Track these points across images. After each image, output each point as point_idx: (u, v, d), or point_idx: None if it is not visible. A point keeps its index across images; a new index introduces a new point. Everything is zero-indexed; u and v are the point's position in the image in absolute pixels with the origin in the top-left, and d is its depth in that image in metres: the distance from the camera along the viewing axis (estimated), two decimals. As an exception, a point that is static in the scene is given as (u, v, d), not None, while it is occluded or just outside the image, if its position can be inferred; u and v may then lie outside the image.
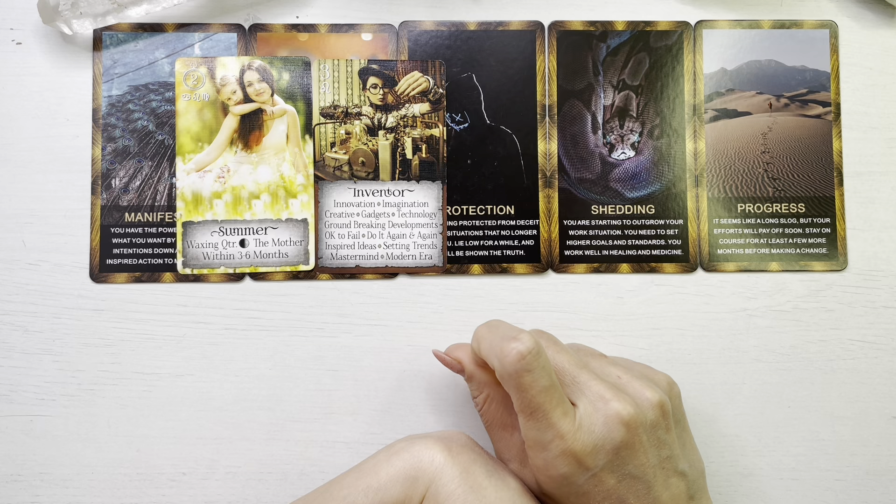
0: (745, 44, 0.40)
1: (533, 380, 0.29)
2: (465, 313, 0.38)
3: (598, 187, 0.39)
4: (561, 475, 0.30)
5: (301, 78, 0.39)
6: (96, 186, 0.38)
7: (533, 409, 0.30)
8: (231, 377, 0.38)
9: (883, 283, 0.39)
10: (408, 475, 0.31)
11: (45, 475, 0.37)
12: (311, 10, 0.39)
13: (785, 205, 0.39)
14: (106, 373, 0.38)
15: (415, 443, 0.32)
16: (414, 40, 0.39)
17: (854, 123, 0.40)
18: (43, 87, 0.39)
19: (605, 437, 0.29)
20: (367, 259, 0.39)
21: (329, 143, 0.39)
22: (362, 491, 0.31)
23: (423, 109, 0.39)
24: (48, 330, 0.38)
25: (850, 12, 0.40)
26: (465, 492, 0.30)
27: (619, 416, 0.29)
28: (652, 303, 0.39)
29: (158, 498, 0.37)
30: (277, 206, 0.38)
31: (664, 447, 0.31)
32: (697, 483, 0.32)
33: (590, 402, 0.30)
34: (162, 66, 0.39)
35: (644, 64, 0.40)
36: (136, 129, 0.39)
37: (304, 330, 0.38)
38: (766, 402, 0.38)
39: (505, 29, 0.39)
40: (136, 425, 0.37)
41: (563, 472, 0.30)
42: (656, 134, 0.39)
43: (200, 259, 0.38)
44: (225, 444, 0.37)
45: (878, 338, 0.39)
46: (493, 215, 0.39)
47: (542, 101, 0.39)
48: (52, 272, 0.38)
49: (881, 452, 0.38)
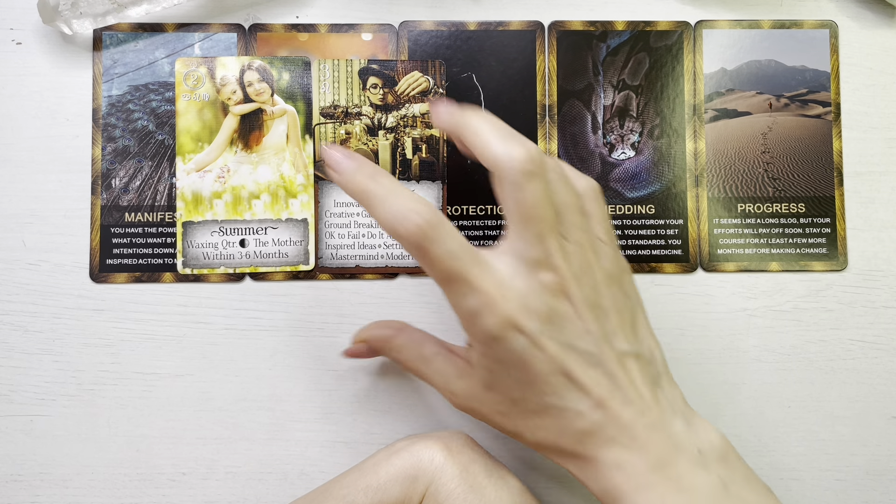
0: (745, 44, 0.40)
1: (438, 251, 0.27)
2: (465, 313, 0.38)
3: (598, 187, 0.39)
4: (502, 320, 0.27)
5: (301, 78, 0.39)
6: (96, 186, 0.38)
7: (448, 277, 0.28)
8: (231, 377, 0.38)
9: (883, 283, 0.39)
10: (407, 474, 0.31)
11: (45, 475, 0.37)
12: (311, 10, 0.39)
13: (785, 205, 0.39)
14: (106, 373, 0.38)
15: (415, 442, 0.32)
16: (414, 40, 0.39)
17: (854, 123, 0.40)
18: (43, 87, 0.39)
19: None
20: (367, 259, 0.39)
21: (329, 142, 0.39)
22: (362, 490, 0.31)
23: (424, 109, 0.39)
24: (48, 330, 0.38)
25: (850, 12, 0.40)
26: (464, 491, 0.30)
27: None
28: (652, 303, 0.39)
29: (158, 498, 0.37)
30: (277, 206, 0.38)
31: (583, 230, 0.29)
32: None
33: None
34: (162, 66, 0.39)
35: (644, 64, 0.40)
36: (136, 129, 0.39)
37: (304, 330, 0.38)
38: (766, 402, 0.38)
39: (505, 29, 0.39)
40: (136, 425, 0.37)
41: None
42: (656, 134, 0.39)
43: (200, 259, 0.38)
44: (225, 444, 0.37)
45: (878, 338, 0.39)
46: (493, 215, 0.39)
47: (542, 101, 0.39)
48: (52, 272, 0.38)
49: (881, 452, 0.38)
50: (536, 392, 0.28)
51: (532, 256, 0.28)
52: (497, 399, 0.30)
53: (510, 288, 0.28)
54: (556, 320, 0.28)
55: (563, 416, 0.28)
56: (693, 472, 0.28)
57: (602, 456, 0.28)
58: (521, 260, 0.28)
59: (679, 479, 0.27)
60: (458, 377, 0.31)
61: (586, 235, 0.29)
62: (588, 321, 0.28)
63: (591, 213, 0.30)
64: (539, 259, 0.28)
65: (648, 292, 0.39)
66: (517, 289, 0.28)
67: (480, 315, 0.27)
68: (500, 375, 0.29)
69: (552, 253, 0.28)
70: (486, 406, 0.30)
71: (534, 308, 0.28)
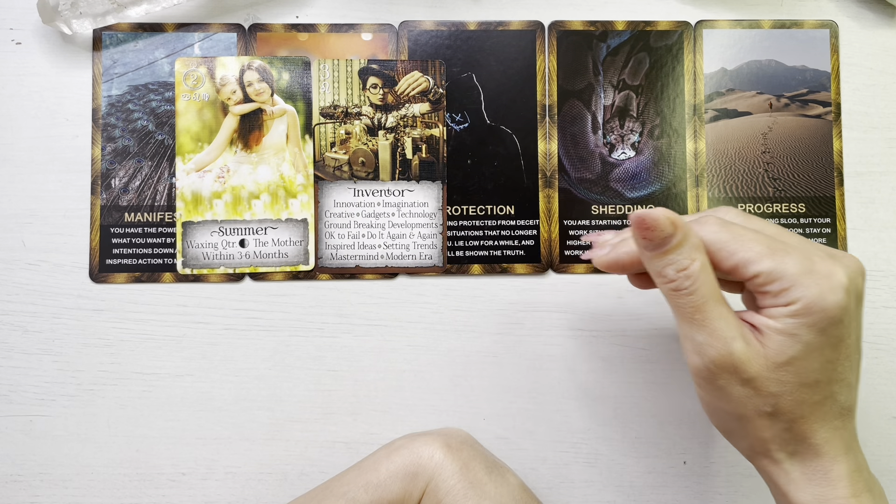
0: (746, 44, 0.40)
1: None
2: (465, 313, 0.38)
3: (598, 187, 0.39)
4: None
5: (301, 78, 0.39)
6: (96, 186, 0.38)
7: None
8: (231, 377, 0.38)
9: (883, 283, 0.39)
10: (408, 471, 0.31)
11: (45, 475, 0.37)
12: (310, 9, 0.39)
13: (785, 205, 0.39)
14: (106, 373, 0.38)
15: (415, 440, 0.32)
16: (414, 40, 0.39)
17: (854, 123, 0.40)
18: (43, 87, 0.39)
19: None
20: (367, 259, 0.38)
21: (329, 143, 0.39)
22: (362, 487, 0.31)
23: (423, 109, 0.39)
24: (48, 330, 0.38)
25: (850, 12, 0.40)
26: (464, 487, 0.30)
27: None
28: (652, 303, 0.39)
29: (158, 498, 0.37)
30: (277, 206, 0.38)
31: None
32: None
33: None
34: (162, 66, 0.39)
35: (644, 64, 0.40)
36: (135, 129, 0.39)
37: (304, 330, 0.38)
38: (767, 403, 0.38)
39: (505, 29, 0.39)
40: (135, 425, 0.37)
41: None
42: (656, 134, 0.39)
43: (200, 259, 0.38)
44: (225, 444, 0.37)
45: (878, 338, 0.39)
46: (493, 215, 0.39)
47: (542, 101, 0.39)
48: (52, 272, 0.38)
49: (881, 452, 0.38)
50: (839, 373, 0.27)
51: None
52: (786, 380, 0.27)
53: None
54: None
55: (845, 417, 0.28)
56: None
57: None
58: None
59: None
60: (744, 341, 0.28)
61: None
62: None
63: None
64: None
65: (649, 292, 0.39)
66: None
67: (832, 289, 0.27)
68: (809, 349, 0.27)
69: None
70: (767, 385, 0.27)
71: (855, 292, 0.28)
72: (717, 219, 0.28)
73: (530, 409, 0.38)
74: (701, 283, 0.27)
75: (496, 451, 0.38)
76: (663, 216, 0.27)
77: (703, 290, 0.28)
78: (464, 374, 0.38)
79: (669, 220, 0.27)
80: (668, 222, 0.27)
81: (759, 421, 0.28)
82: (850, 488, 0.28)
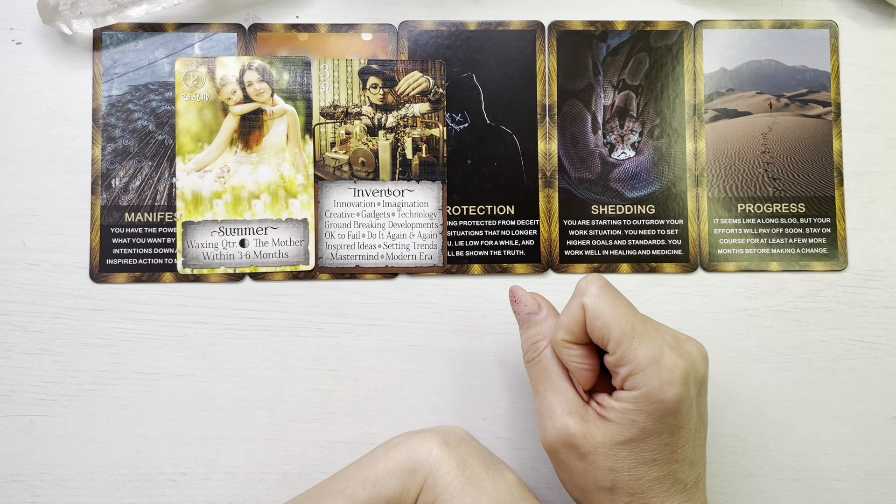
0: (745, 44, 0.40)
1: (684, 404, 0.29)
2: (465, 313, 0.38)
3: (598, 187, 0.39)
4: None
5: (301, 78, 0.39)
6: (96, 186, 0.38)
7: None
8: (231, 377, 0.38)
9: (883, 283, 0.39)
10: (405, 468, 0.31)
11: (45, 475, 0.37)
12: (311, 10, 0.39)
13: (785, 205, 0.39)
14: (106, 373, 0.38)
15: (412, 436, 0.32)
16: (414, 40, 0.39)
17: (854, 123, 0.40)
18: (43, 87, 0.39)
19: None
20: (367, 259, 0.39)
21: (329, 143, 0.39)
22: (360, 484, 0.31)
23: (423, 109, 0.39)
24: (48, 330, 0.38)
25: (850, 12, 0.40)
26: (461, 483, 0.31)
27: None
28: (652, 303, 0.39)
29: (158, 498, 0.37)
30: (277, 206, 0.38)
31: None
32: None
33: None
34: (162, 66, 0.39)
35: (644, 64, 0.40)
36: (136, 129, 0.39)
37: (304, 330, 0.38)
38: (766, 402, 0.38)
39: (505, 29, 0.39)
40: (136, 425, 0.37)
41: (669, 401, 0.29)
42: (656, 134, 0.39)
43: (200, 259, 0.38)
44: (225, 444, 0.37)
45: (878, 338, 0.39)
46: (493, 215, 0.39)
47: (542, 101, 0.39)
48: (52, 272, 0.38)
49: (881, 452, 0.38)
50: (678, 454, 0.29)
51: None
52: (623, 456, 0.29)
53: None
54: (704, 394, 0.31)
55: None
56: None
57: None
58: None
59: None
60: (580, 418, 0.30)
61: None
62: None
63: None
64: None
65: (648, 292, 0.39)
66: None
67: (671, 382, 0.29)
68: (646, 433, 0.29)
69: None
70: (604, 461, 0.30)
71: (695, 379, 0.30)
72: (599, 286, 0.30)
73: (530, 409, 0.38)
74: (548, 359, 0.31)
75: (496, 451, 0.38)
76: (528, 296, 0.33)
77: (548, 365, 0.31)
78: (464, 374, 0.38)
79: (535, 299, 0.33)
80: (533, 302, 0.33)
81: (601, 494, 0.30)
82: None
